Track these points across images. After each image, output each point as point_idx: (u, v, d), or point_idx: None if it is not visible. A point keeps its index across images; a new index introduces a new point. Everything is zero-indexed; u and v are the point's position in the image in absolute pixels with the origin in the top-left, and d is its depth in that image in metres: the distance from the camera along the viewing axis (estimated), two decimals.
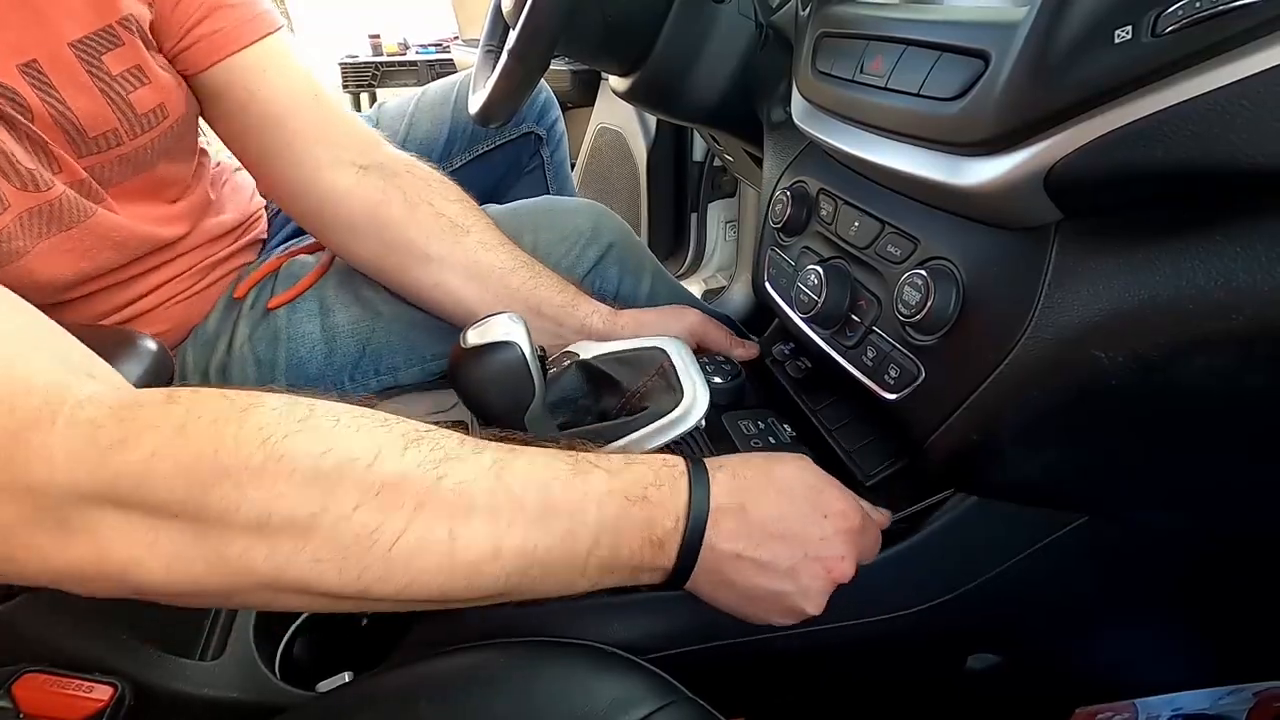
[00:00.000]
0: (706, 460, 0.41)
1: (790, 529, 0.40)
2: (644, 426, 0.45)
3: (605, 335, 0.66)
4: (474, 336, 0.44)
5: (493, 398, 0.45)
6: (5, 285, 0.35)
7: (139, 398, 0.32)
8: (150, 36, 0.57)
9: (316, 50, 3.34)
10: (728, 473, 0.41)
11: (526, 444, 0.39)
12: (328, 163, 0.63)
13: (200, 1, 0.58)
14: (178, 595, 0.32)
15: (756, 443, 0.58)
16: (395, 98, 1.01)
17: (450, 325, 0.69)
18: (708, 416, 0.60)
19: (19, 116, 0.51)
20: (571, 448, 0.40)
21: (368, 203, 0.64)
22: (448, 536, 0.33)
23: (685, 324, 0.69)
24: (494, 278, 0.65)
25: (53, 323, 0.35)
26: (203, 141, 0.71)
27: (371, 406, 0.36)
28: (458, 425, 0.56)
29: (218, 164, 0.75)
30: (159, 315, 0.66)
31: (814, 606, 0.42)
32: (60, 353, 0.34)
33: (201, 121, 0.67)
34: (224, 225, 0.72)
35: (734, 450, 0.58)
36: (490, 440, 0.38)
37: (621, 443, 0.45)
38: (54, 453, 0.29)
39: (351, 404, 0.36)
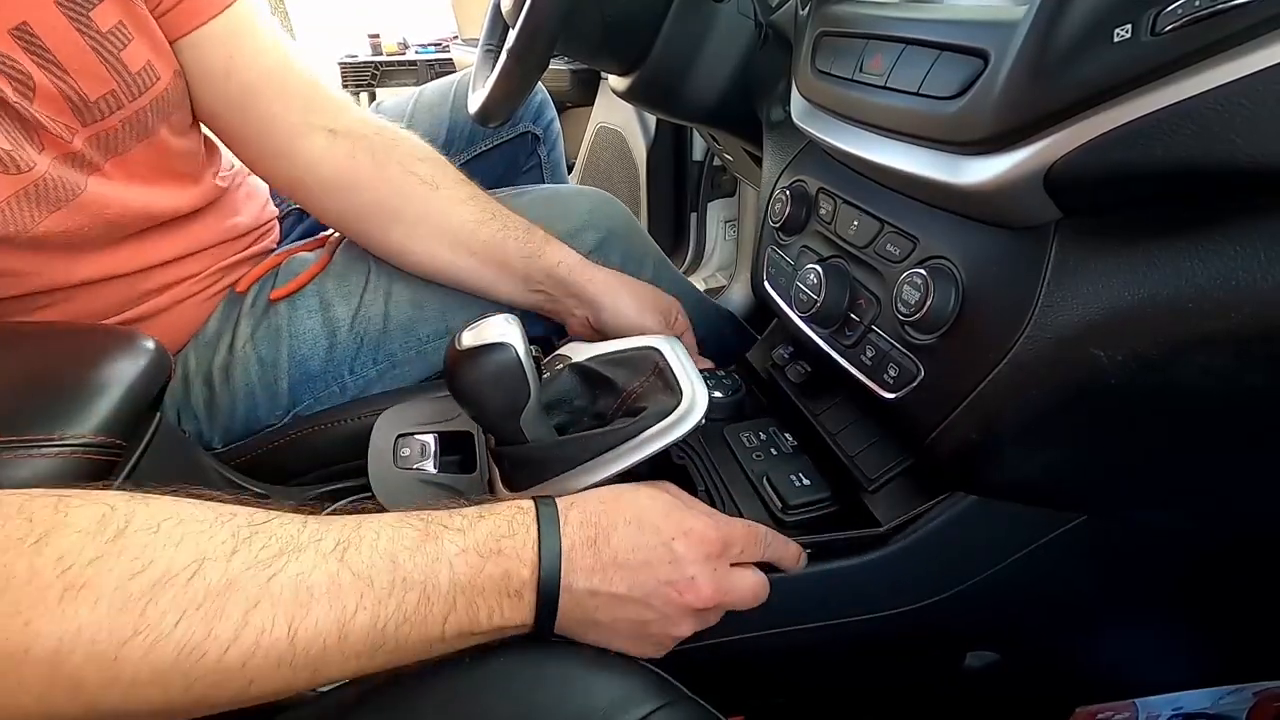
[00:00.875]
0: (559, 499, 0.41)
1: (641, 557, 0.40)
2: (644, 430, 0.45)
3: (573, 284, 0.67)
4: (469, 338, 0.44)
5: (488, 400, 0.45)
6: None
7: None
8: None
9: (316, 49, 3.34)
10: (579, 509, 0.41)
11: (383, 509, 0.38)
12: (301, 129, 0.64)
13: None
14: None
15: (759, 454, 0.58)
16: (393, 97, 1.02)
17: (442, 308, 0.70)
18: (710, 430, 0.60)
19: (22, 91, 0.50)
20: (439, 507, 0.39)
21: (339, 167, 0.65)
22: (286, 634, 0.32)
23: (659, 314, 0.69)
24: (464, 232, 0.67)
25: None
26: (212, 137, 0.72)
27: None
28: (463, 434, 0.57)
29: (231, 166, 0.75)
30: (171, 317, 0.66)
31: (681, 630, 0.42)
32: None
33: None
34: (238, 228, 0.72)
35: (737, 462, 0.58)
36: (346, 514, 0.37)
37: (623, 447, 0.45)
38: None
39: (202, 496, 0.34)
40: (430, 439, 0.54)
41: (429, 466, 0.53)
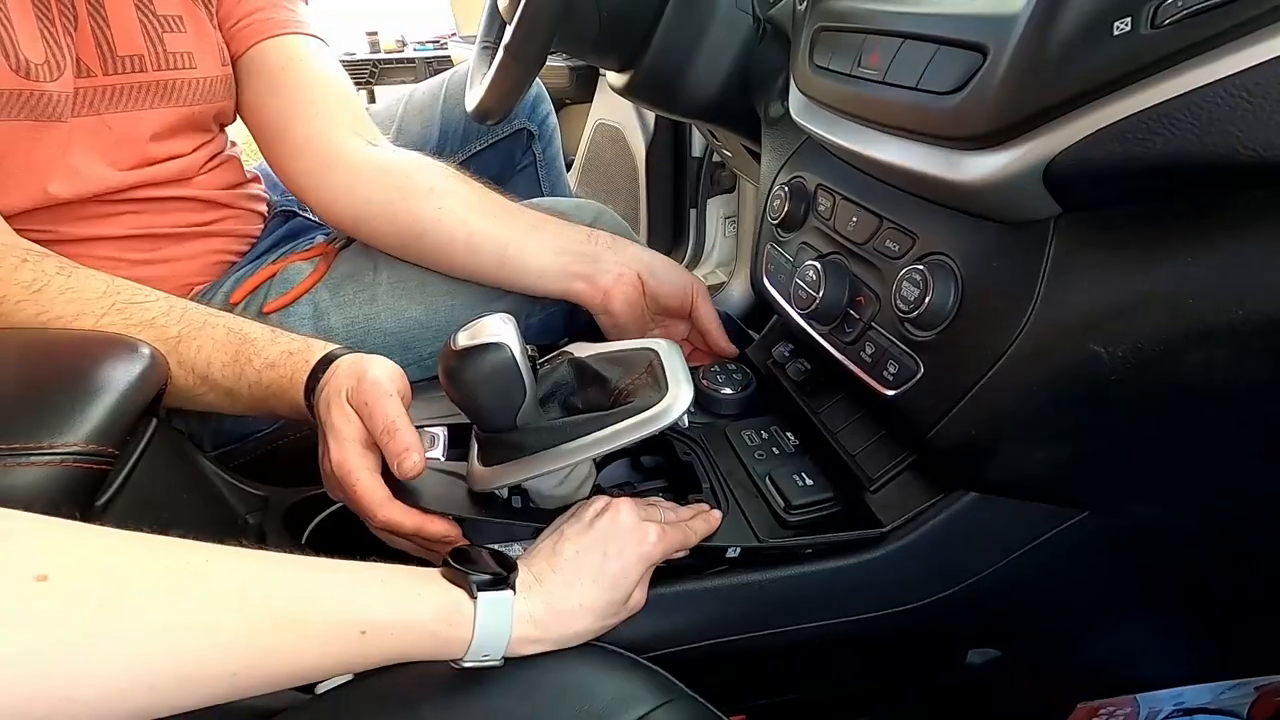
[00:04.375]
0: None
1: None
2: (622, 420, 0.45)
3: (614, 242, 0.68)
4: (464, 338, 0.44)
5: (484, 399, 0.45)
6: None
7: None
8: (210, 5, 0.68)
9: None
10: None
11: None
12: (344, 130, 0.69)
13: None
14: None
15: (761, 454, 0.58)
16: (382, 100, 1.01)
17: (443, 325, 0.69)
18: (713, 429, 0.60)
19: (66, 21, 0.58)
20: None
21: (370, 158, 0.69)
22: None
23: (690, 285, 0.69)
24: (494, 202, 0.69)
25: None
26: (234, 150, 0.78)
27: None
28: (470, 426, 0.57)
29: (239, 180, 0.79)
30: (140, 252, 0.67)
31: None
32: None
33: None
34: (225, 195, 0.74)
35: (739, 461, 0.58)
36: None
37: (603, 433, 0.45)
38: None
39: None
40: (440, 431, 0.55)
41: (437, 454, 0.53)
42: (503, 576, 0.40)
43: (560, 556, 0.43)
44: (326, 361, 0.53)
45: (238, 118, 0.75)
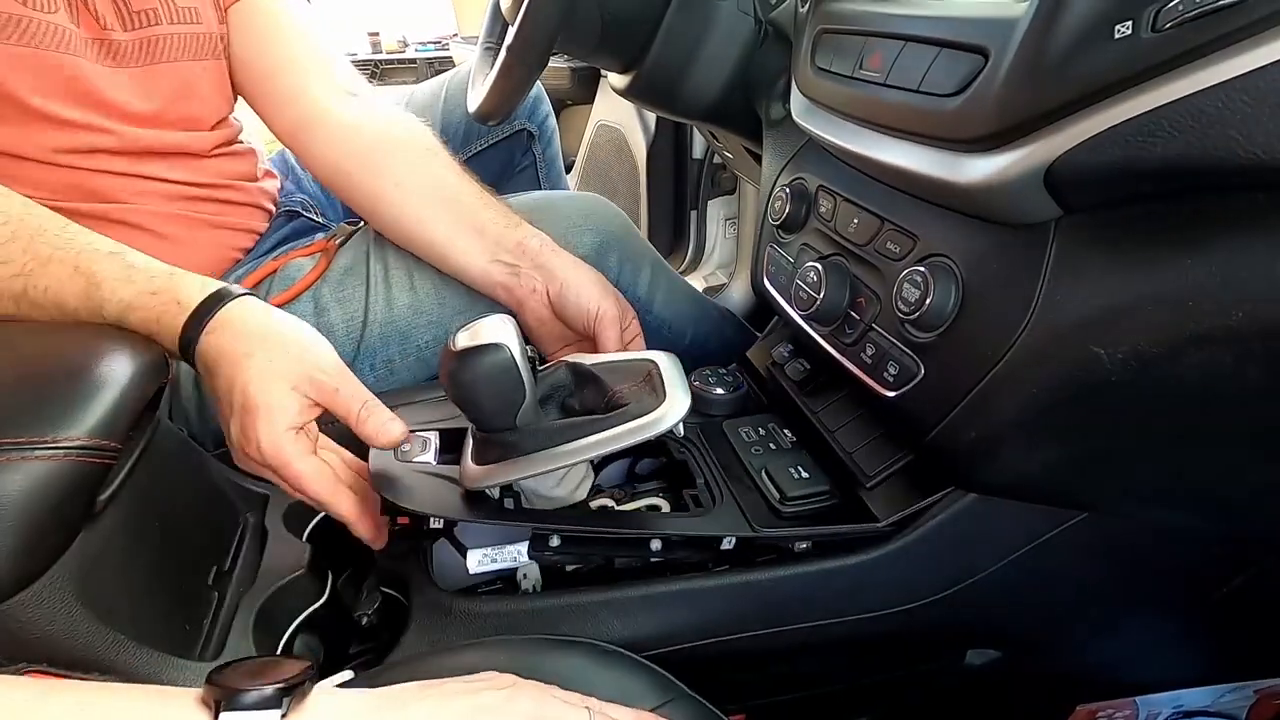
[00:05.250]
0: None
1: None
2: (619, 425, 0.46)
3: (542, 256, 0.68)
4: (464, 339, 0.44)
5: (484, 399, 0.45)
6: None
7: None
8: None
9: None
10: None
11: None
12: (324, 81, 0.72)
13: None
14: None
15: (758, 449, 0.58)
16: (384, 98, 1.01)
17: (441, 315, 0.70)
18: (710, 425, 0.61)
19: None
20: None
21: (349, 113, 0.71)
22: None
23: (618, 302, 0.68)
24: (450, 191, 0.70)
25: None
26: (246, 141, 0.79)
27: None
28: (463, 430, 0.57)
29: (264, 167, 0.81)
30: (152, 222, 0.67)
31: None
32: None
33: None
34: (241, 174, 0.76)
35: (735, 456, 0.58)
36: None
37: (600, 436, 0.45)
38: None
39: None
40: (432, 435, 0.55)
41: (429, 459, 0.53)
42: (269, 698, 0.30)
43: (400, 692, 0.34)
44: (208, 307, 0.47)
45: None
